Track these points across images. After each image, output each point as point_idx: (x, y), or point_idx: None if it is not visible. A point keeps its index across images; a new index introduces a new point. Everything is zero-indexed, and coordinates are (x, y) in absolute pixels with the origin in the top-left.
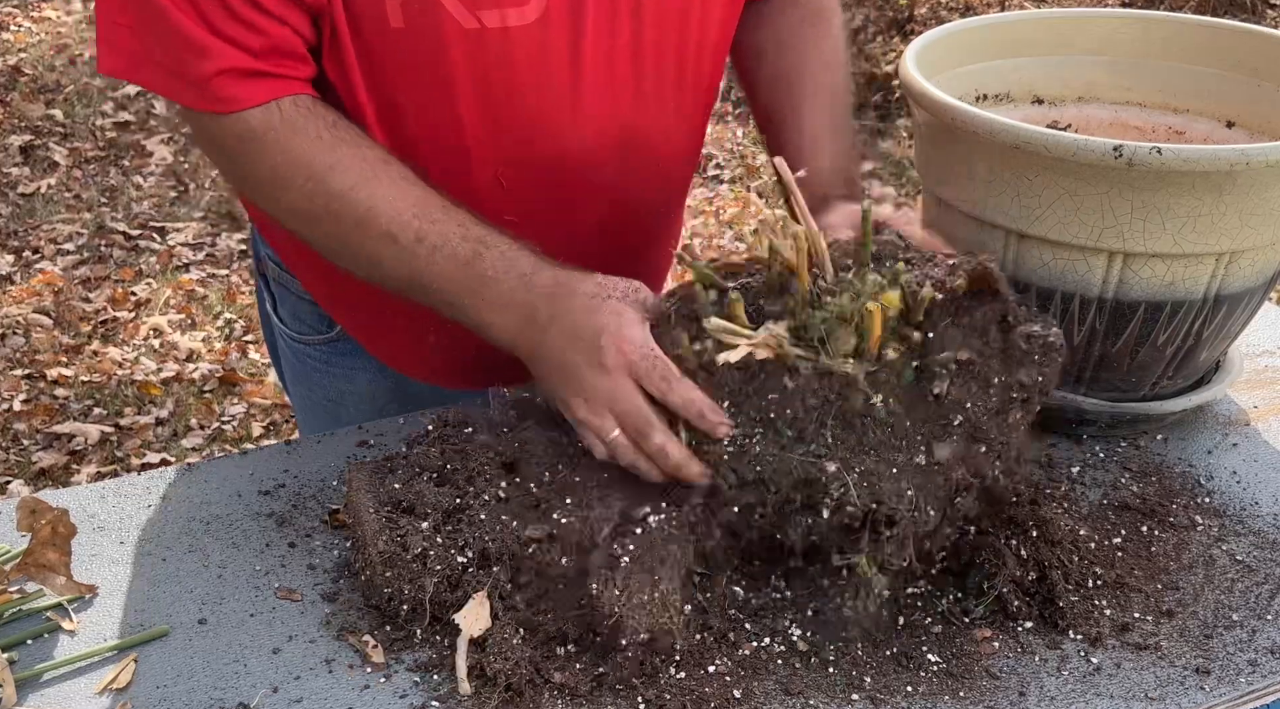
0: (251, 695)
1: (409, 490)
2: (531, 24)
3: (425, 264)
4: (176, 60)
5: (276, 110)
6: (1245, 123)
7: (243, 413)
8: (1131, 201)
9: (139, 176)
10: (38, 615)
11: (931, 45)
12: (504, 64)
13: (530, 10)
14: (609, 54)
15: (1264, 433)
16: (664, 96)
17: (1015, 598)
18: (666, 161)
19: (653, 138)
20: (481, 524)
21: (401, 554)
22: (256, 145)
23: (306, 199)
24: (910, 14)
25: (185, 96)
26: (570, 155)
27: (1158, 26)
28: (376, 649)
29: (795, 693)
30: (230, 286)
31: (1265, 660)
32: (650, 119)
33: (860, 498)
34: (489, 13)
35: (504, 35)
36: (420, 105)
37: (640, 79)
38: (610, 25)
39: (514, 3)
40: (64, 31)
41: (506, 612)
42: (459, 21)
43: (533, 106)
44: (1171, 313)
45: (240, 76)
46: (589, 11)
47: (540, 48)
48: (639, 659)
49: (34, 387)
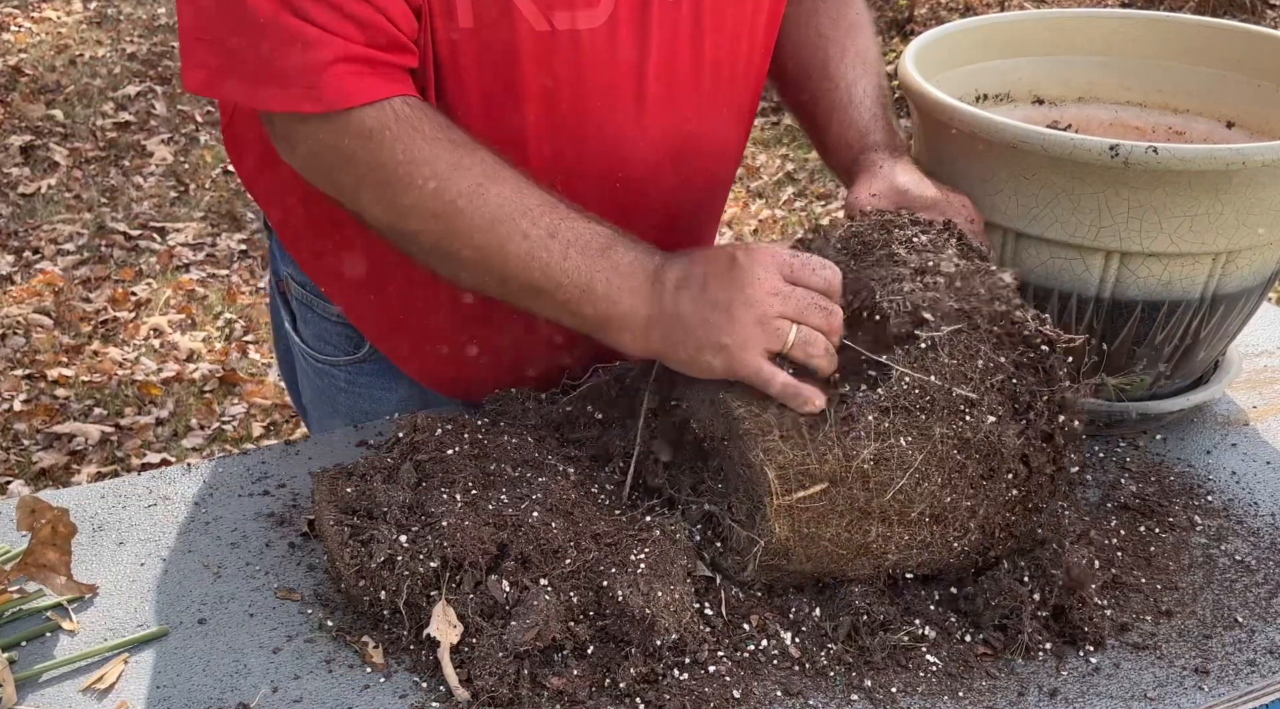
0: (251, 695)
1: (373, 497)
2: (600, 27)
3: (559, 258)
4: (275, 64)
5: (390, 109)
6: (1245, 123)
7: (243, 413)
8: (1128, 201)
9: (139, 176)
10: (38, 615)
11: (931, 45)
12: (572, 68)
13: (600, 12)
14: (672, 59)
15: (1263, 433)
16: (719, 102)
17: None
18: (719, 168)
19: (708, 145)
20: (444, 531)
21: (368, 563)
22: (373, 144)
23: (431, 198)
24: (910, 14)
25: (286, 101)
26: (629, 165)
27: (1159, 27)
28: (377, 650)
29: (795, 693)
30: (230, 286)
31: (1264, 661)
32: (708, 127)
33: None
34: (560, 14)
35: (574, 38)
36: (484, 109)
37: (700, 80)
38: (674, 29)
39: (584, 4)
40: (64, 32)
41: (487, 619)
42: (530, 22)
43: (598, 113)
44: (1169, 312)
45: (350, 69)
46: (654, 15)
47: (609, 52)
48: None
49: (34, 387)
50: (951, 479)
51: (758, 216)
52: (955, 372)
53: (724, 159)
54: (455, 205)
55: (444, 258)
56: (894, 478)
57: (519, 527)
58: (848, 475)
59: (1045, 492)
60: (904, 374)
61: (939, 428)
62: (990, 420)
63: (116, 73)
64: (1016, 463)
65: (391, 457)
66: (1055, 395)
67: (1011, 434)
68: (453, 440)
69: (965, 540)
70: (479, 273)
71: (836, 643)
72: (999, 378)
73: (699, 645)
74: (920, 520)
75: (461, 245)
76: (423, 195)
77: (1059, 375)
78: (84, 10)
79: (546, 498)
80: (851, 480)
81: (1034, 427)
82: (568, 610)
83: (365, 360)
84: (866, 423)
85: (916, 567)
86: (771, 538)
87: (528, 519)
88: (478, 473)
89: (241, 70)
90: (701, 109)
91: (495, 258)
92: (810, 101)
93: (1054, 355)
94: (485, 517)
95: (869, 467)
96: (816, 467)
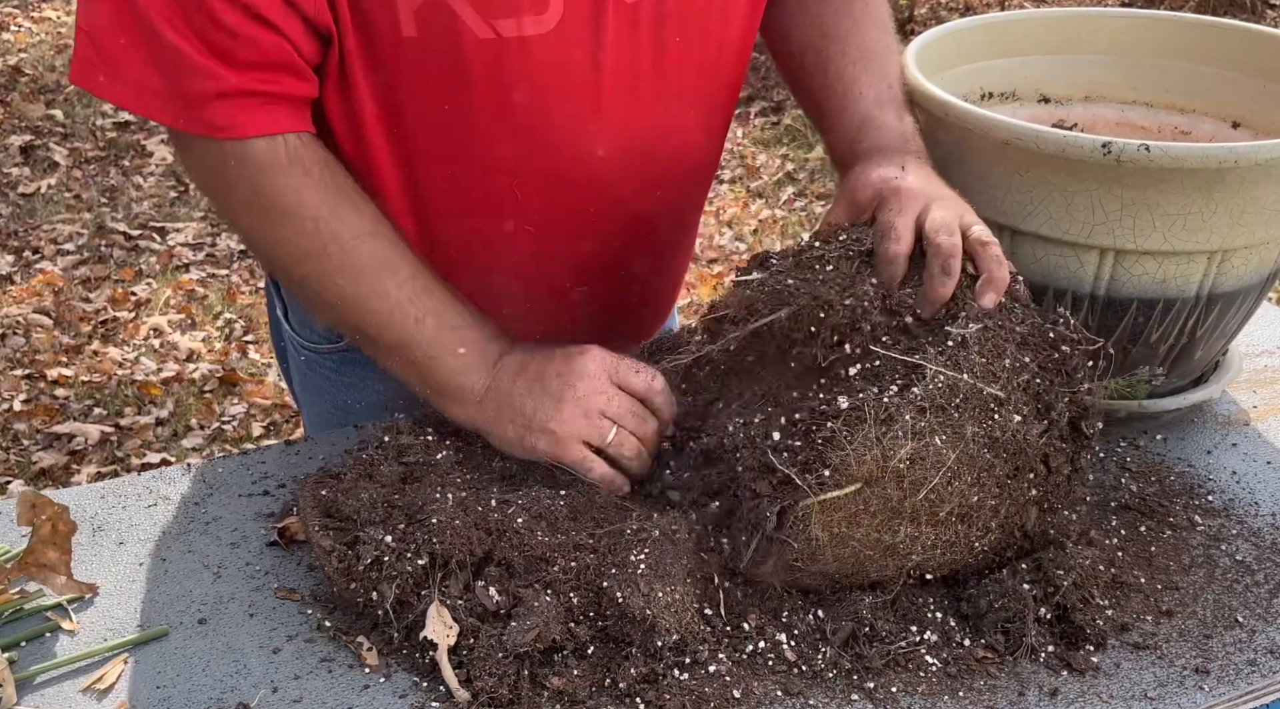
0: (251, 695)
1: (356, 498)
2: (549, 33)
3: (414, 323)
4: (175, 83)
5: (282, 145)
6: (1250, 123)
7: (243, 413)
8: (1121, 198)
9: (139, 176)
10: (38, 615)
11: (934, 43)
12: (522, 74)
13: (548, 19)
14: (631, 60)
15: (1264, 433)
16: (686, 100)
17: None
18: (687, 170)
19: (674, 145)
20: (433, 527)
21: (355, 565)
22: (259, 176)
23: (307, 238)
24: (910, 14)
25: (176, 118)
26: (590, 166)
27: (1163, 26)
28: (371, 652)
29: (795, 693)
30: (230, 286)
31: (1264, 660)
32: (673, 124)
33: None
34: (505, 22)
35: (521, 45)
36: (432, 117)
37: (663, 83)
38: (632, 29)
39: (532, 11)
40: (64, 32)
41: (484, 621)
42: (474, 31)
43: (552, 117)
44: (1164, 310)
45: (245, 103)
46: (609, 16)
47: (559, 57)
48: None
49: (34, 387)
50: (980, 478)
51: (758, 216)
52: (984, 369)
53: (694, 160)
54: (327, 250)
55: (307, 294)
56: (928, 477)
57: (504, 532)
58: (883, 475)
59: (1061, 492)
60: (939, 373)
61: (970, 427)
62: (1016, 419)
63: None
64: (1038, 463)
65: (372, 455)
66: (1076, 396)
67: (1035, 434)
68: (439, 445)
69: (986, 540)
70: (337, 317)
71: (833, 647)
72: (1024, 377)
73: (699, 645)
74: (948, 520)
75: (325, 288)
76: (298, 234)
77: (1079, 377)
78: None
79: (534, 504)
80: (886, 480)
81: (1056, 427)
82: (567, 611)
83: (349, 348)
84: (904, 423)
85: (937, 567)
86: (806, 538)
87: (513, 524)
88: (466, 477)
89: (129, 78)
90: (667, 110)
91: (355, 309)
92: (812, 105)
93: (1076, 356)
94: (474, 517)
95: (904, 466)
96: (855, 467)
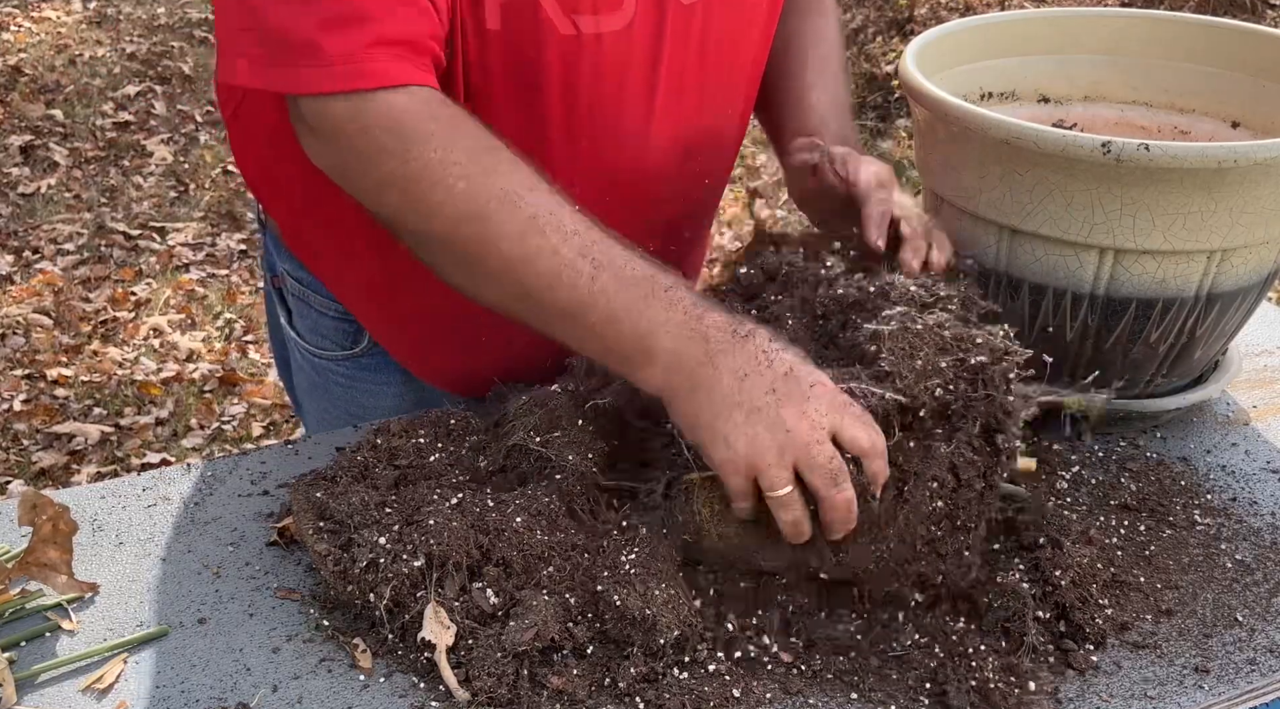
0: (251, 695)
1: (351, 501)
2: (620, 30)
3: (588, 280)
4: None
5: (426, 99)
6: (1250, 123)
7: (243, 413)
8: (1121, 198)
9: (139, 176)
10: (38, 615)
11: (934, 43)
12: (593, 71)
13: (622, 16)
14: (682, 60)
15: (1264, 432)
16: (720, 100)
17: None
18: (721, 164)
19: (710, 143)
20: (429, 529)
21: (351, 568)
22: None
23: (461, 199)
24: (910, 14)
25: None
26: (641, 162)
27: (1163, 26)
28: (365, 654)
29: (794, 693)
30: (230, 286)
31: (1264, 659)
32: (710, 124)
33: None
34: (585, 18)
35: (597, 41)
36: (508, 112)
37: (704, 84)
38: (685, 28)
39: (609, 8)
40: (64, 32)
41: (479, 622)
42: (556, 26)
43: (613, 113)
44: (1164, 310)
45: (393, 52)
46: (669, 17)
47: (627, 55)
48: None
49: (34, 387)
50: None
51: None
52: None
53: (725, 155)
54: (485, 210)
55: (465, 268)
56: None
57: (501, 532)
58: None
59: (974, 510)
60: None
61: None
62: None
63: (116, 72)
64: (943, 472)
65: (366, 457)
66: (992, 407)
67: (938, 441)
68: (431, 447)
69: (882, 547)
70: (501, 287)
71: (831, 653)
72: (934, 381)
73: (699, 643)
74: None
75: (487, 254)
76: (452, 195)
77: (1000, 388)
78: (84, 10)
79: (532, 503)
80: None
81: (966, 436)
82: (566, 611)
83: (363, 355)
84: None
85: (833, 568)
86: (691, 512)
87: (511, 524)
88: (459, 478)
89: (284, 58)
90: (704, 107)
91: (521, 271)
92: (768, 105)
93: (999, 366)
94: (471, 518)
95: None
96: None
